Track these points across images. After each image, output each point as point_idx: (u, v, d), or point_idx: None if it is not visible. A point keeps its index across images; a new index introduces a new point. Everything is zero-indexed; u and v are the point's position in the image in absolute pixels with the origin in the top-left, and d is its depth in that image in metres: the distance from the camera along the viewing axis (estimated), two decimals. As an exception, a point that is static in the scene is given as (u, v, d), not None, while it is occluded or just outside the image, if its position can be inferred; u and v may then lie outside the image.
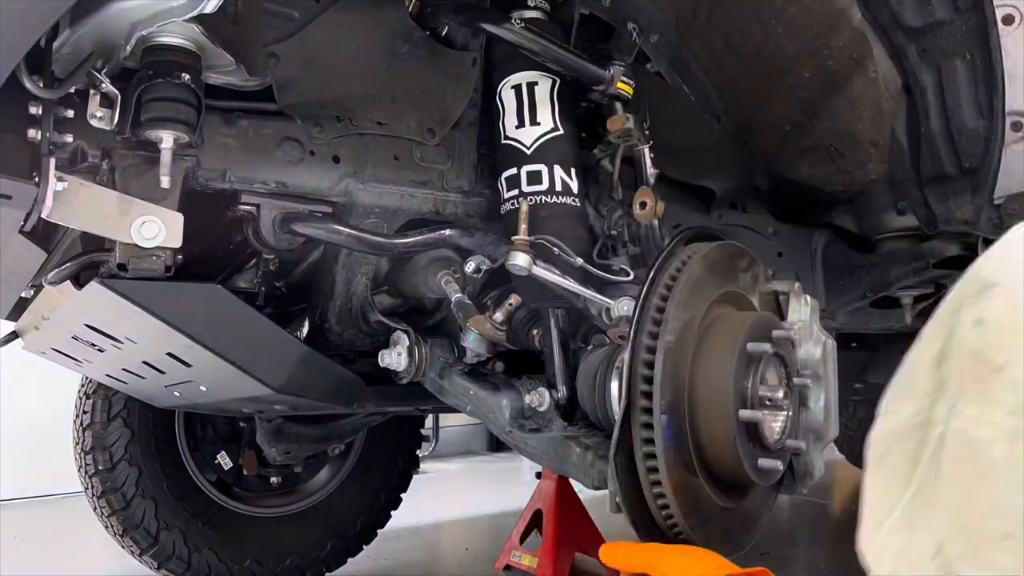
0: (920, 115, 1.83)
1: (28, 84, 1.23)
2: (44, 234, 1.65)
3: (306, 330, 1.90)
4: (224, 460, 2.87)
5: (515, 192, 1.69)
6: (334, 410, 2.38)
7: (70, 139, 1.38)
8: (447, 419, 6.97)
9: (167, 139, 1.36)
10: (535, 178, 1.67)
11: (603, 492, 1.32)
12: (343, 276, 1.77)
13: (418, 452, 3.31)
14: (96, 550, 3.59)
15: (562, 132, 1.71)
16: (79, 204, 1.34)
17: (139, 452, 2.67)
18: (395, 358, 1.76)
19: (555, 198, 1.66)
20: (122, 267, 1.41)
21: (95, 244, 1.55)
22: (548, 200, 1.66)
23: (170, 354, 1.69)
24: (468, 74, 1.78)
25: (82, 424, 2.69)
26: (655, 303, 1.29)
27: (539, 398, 1.59)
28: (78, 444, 2.70)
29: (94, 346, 1.88)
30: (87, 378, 2.72)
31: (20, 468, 5.17)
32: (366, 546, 3.11)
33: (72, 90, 1.33)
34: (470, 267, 1.67)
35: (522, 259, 1.52)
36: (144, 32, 1.29)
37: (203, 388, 1.91)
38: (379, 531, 3.14)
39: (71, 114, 1.37)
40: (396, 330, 1.80)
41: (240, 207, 1.63)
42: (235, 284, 1.88)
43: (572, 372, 1.62)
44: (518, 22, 1.63)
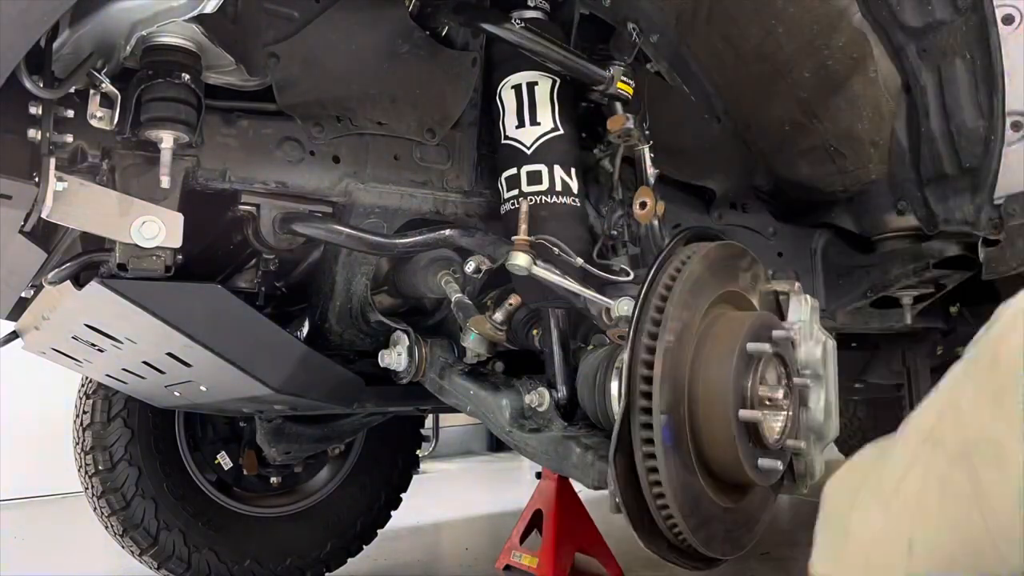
0: (920, 115, 1.83)
1: (28, 84, 1.23)
2: (44, 234, 1.65)
3: (306, 330, 1.90)
4: (224, 460, 2.87)
5: (515, 192, 1.69)
6: (334, 410, 2.38)
7: (70, 139, 1.38)
8: (447, 419, 6.98)
9: (167, 139, 1.36)
10: (535, 178, 1.67)
11: (603, 492, 1.32)
12: (343, 276, 1.77)
13: (418, 452, 3.31)
14: (96, 550, 3.60)
15: (562, 132, 1.71)
16: (79, 204, 1.34)
17: (139, 452, 2.67)
18: (395, 358, 1.76)
19: (555, 198, 1.66)
20: (122, 267, 1.41)
21: (95, 244, 1.55)
22: (548, 200, 1.66)
23: (170, 354, 1.69)
24: (468, 74, 1.78)
25: (82, 424, 2.69)
26: (655, 303, 1.29)
27: (539, 398, 1.59)
28: (78, 444, 2.70)
29: (94, 346, 1.88)
30: (87, 378, 2.72)
31: (20, 468, 5.17)
32: (366, 546, 3.11)
33: (72, 90, 1.33)
34: (470, 267, 1.67)
35: (522, 259, 1.52)
36: (144, 32, 1.29)
37: (203, 388, 1.91)
38: (379, 531, 3.14)
39: (71, 114, 1.37)
40: (396, 330, 1.80)
41: (240, 207, 1.63)
42: (235, 284, 1.88)
43: (572, 372, 1.62)
44: (518, 22, 1.63)
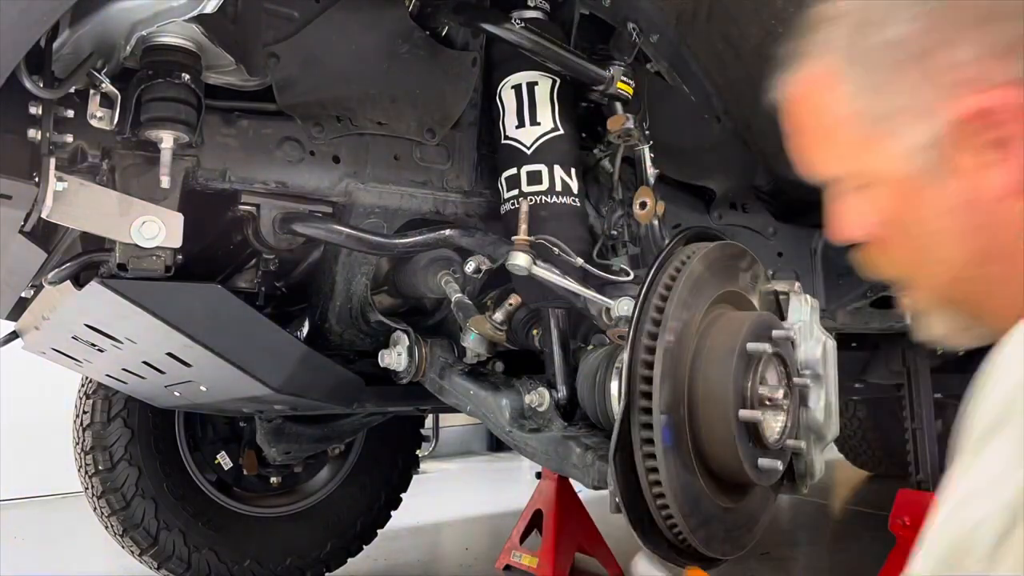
0: (920, 115, 1.83)
1: (28, 84, 1.23)
2: (44, 234, 1.65)
3: (306, 330, 1.90)
4: (224, 460, 2.87)
5: (515, 192, 1.69)
6: (334, 410, 2.38)
7: (70, 139, 1.38)
8: (447, 419, 6.97)
9: (167, 139, 1.36)
10: (535, 178, 1.67)
11: (603, 492, 1.32)
12: (343, 276, 1.77)
13: (418, 452, 3.31)
14: (96, 550, 3.59)
15: (562, 132, 1.71)
16: (79, 204, 1.34)
17: (139, 452, 2.67)
18: (395, 358, 1.76)
19: (555, 198, 1.66)
20: (122, 267, 1.41)
21: (95, 244, 1.55)
22: (548, 200, 1.66)
23: (170, 354, 1.69)
24: (468, 74, 1.78)
25: (82, 424, 2.69)
26: (654, 303, 1.29)
27: (539, 398, 1.59)
28: (78, 444, 2.70)
29: (94, 346, 1.88)
30: (87, 378, 2.72)
31: (20, 468, 5.17)
32: (366, 546, 3.11)
33: (72, 90, 1.33)
34: (470, 267, 1.67)
35: (522, 259, 1.52)
36: (144, 32, 1.29)
37: (203, 388, 1.91)
38: (379, 531, 3.14)
39: (71, 114, 1.37)
40: (396, 330, 1.80)
41: (240, 207, 1.63)
42: (235, 284, 1.88)
43: (572, 372, 1.62)
44: (518, 22, 1.63)
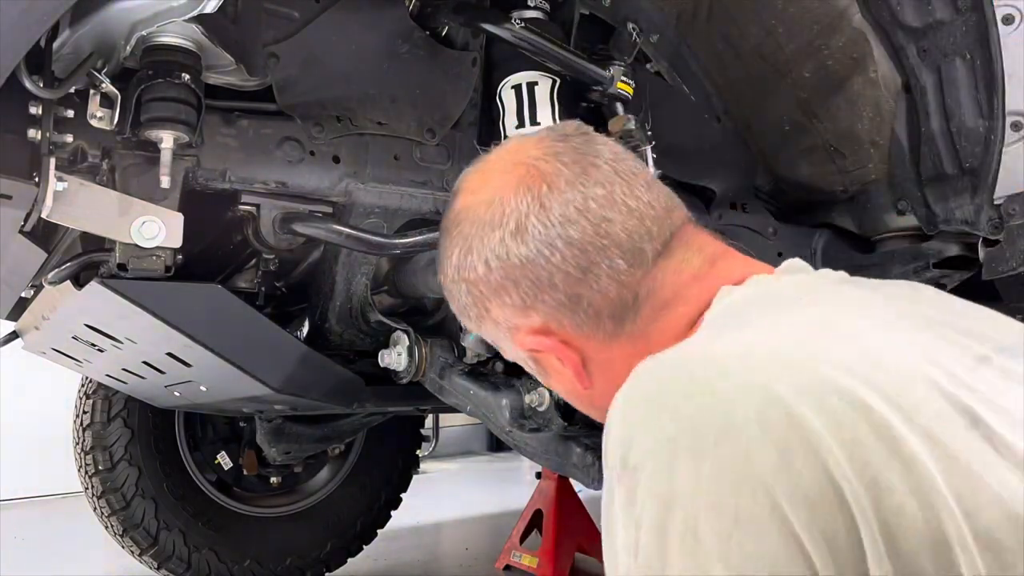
0: (920, 115, 1.83)
1: (28, 84, 1.23)
2: (44, 234, 1.65)
3: (306, 330, 1.90)
4: (224, 460, 2.88)
5: (515, 192, 1.68)
6: (334, 410, 2.38)
7: (70, 139, 1.38)
8: (447, 419, 6.97)
9: (167, 139, 1.35)
10: (535, 178, 1.67)
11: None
12: (343, 276, 1.77)
13: (418, 452, 3.31)
14: (96, 550, 3.60)
15: (562, 132, 1.70)
16: (79, 204, 1.34)
17: (139, 452, 2.67)
18: (395, 358, 1.76)
19: (555, 198, 1.66)
20: (122, 267, 1.41)
21: (95, 244, 1.55)
22: (548, 200, 1.66)
23: (170, 354, 1.69)
24: (468, 74, 1.78)
25: (82, 424, 2.69)
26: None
27: (539, 398, 1.59)
28: (78, 444, 2.70)
29: (94, 346, 1.88)
30: (87, 378, 2.72)
31: (20, 468, 5.17)
32: (366, 546, 3.11)
33: (72, 90, 1.33)
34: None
35: (522, 259, 1.51)
36: (144, 32, 1.29)
37: (203, 388, 1.91)
38: (379, 531, 3.14)
39: (71, 114, 1.37)
40: (396, 330, 1.80)
41: (240, 207, 1.62)
42: (235, 284, 1.88)
43: (572, 372, 1.61)
44: (518, 22, 1.62)
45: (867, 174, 2.02)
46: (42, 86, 1.25)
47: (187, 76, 1.33)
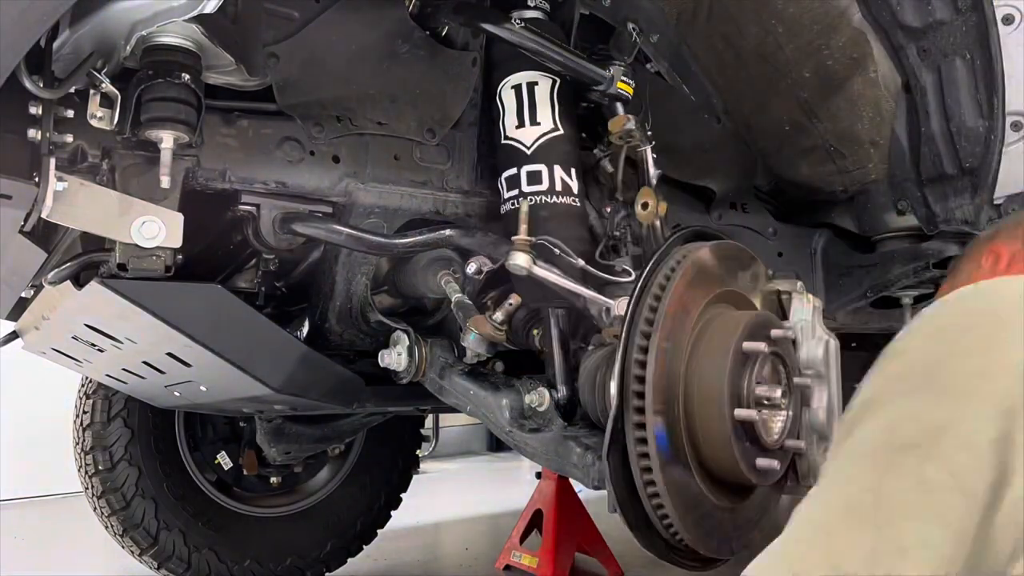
0: (920, 115, 1.83)
1: (28, 84, 1.23)
2: (44, 234, 1.65)
3: (306, 330, 1.90)
4: (224, 460, 2.87)
5: (515, 192, 1.69)
6: (334, 410, 2.38)
7: (70, 139, 1.38)
8: (447, 419, 6.97)
9: (167, 139, 1.36)
10: (535, 178, 1.67)
11: (603, 492, 1.32)
12: (343, 276, 1.77)
13: (418, 452, 3.31)
14: (96, 550, 3.60)
15: (562, 132, 1.71)
16: (79, 204, 1.34)
17: (139, 452, 2.67)
18: (395, 358, 1.76)
19: (555, 198, 1.66)
20: (122, 267, 1.41)
21: (95, 244, 1.55)
22: (548, 200, 1.66)
23: (170, 354, 1.69)
24: (468, 74, 1.78)
25: (82, 424, 2.69)
26: (648, 303, 1.29)
27: (539, 398, 1.59)
28: (78, 444, 2.70)
29: (94, 346, 1.88)
30: (87, 378, 2.72)
31: (20, 468, 5.17)
32: (366, 546, 3.11)
33: (72, 90, 1.33)
34: (471, 268, 1.67)
35: (522, 259, 1.52)
36: (144, 32, 1.29)
37: (203, 388, 1.91)
38: (379, 531, 3.14)
39: (71, 114, 1.37)
40: (396, 330, 1.79)
41: (240, 207, 1.63)
42: (235, 284, 1.88)
43: (572, 372, 1.62)
44: (518, 22, 1.63)
45: (867, 174, 2.02)
46: (42, 86, 1.25)
47: (187, 76, 1.34)
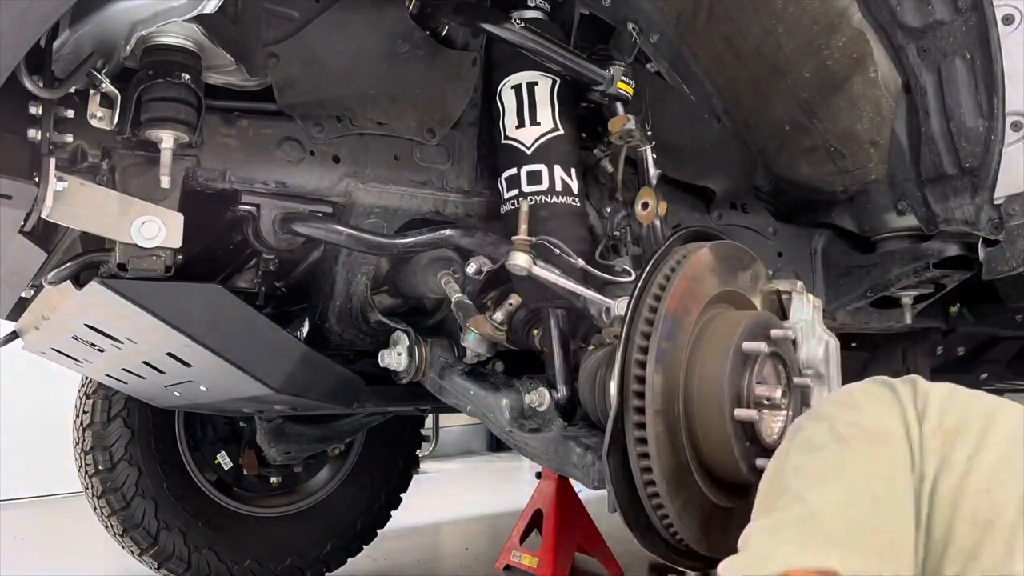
0: (920, 115, 1.83)
1: (28, 84, 1.23)
2: (44, 234, 1.65)
3: (306, 330, 1.90)
4: (224, 460, 2.87)
5: (515, 192, 1.69)
6: (334, 410, 2.38)
7: (70, 139, 1.38)
8: (447, 419, 6.98)
9: (167, 139, 1.36)
10: (535, 178, 1.67)
11: (603, 492, 1.32)
12: (343, 276, 1.77)
13: (418, 452, 3.31)
14: (96, 550, 3.59)
15: (562, 132, 1.71)
16: (79, 204, 1.34)
17: (139, 452, 2.67)
18: (395, 358, 1.76)
19: (555, 198, 1.66)
20: (122, 267, 1.41)
21: (95, 244, 1.55)
22: (548, 200, 1.66)
23: (170, 354, 1.69)
24: (468, 74, 1.78)
25: (82, 424, 2.69)
26: (648, 303, 1.29)
27: (539, 398, 1.59)
28: (78, 444, 2.70)
29: (94, 346, 1.88)
30: (87, 378, 2.72)
31: (20, 468, 5.17)
32: (366, 546, 3.11)
33: (72, 90, 1.33)
34: (471, 269, 1.67)
35: (522, 259, 1.52)
36: (144, 32, 1.29)
37: (203, 388, 1.91)
38: (379, 531, 3.14)
39: (71, 114, 1.37)
40: (396, 330, 1.80)
41: (240, 207, 1.63)
42: (235, 284, 1.88)
43: (572, 372, 1.62)
44: (518, 22, 1.63)
45: (867, 174, 2.02)
46: (42, 86, 1.25)
47: (187, 76, 1.34)
